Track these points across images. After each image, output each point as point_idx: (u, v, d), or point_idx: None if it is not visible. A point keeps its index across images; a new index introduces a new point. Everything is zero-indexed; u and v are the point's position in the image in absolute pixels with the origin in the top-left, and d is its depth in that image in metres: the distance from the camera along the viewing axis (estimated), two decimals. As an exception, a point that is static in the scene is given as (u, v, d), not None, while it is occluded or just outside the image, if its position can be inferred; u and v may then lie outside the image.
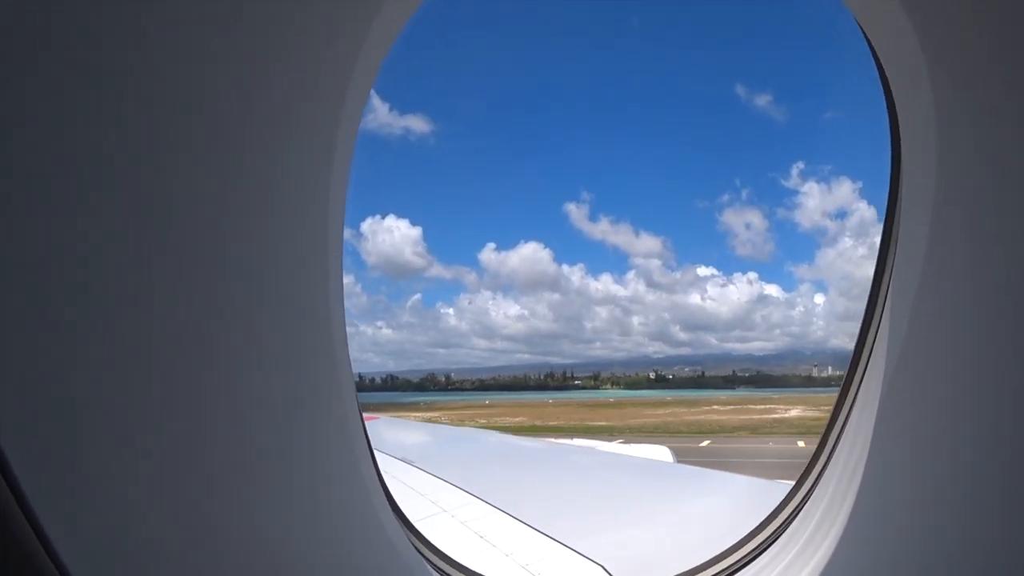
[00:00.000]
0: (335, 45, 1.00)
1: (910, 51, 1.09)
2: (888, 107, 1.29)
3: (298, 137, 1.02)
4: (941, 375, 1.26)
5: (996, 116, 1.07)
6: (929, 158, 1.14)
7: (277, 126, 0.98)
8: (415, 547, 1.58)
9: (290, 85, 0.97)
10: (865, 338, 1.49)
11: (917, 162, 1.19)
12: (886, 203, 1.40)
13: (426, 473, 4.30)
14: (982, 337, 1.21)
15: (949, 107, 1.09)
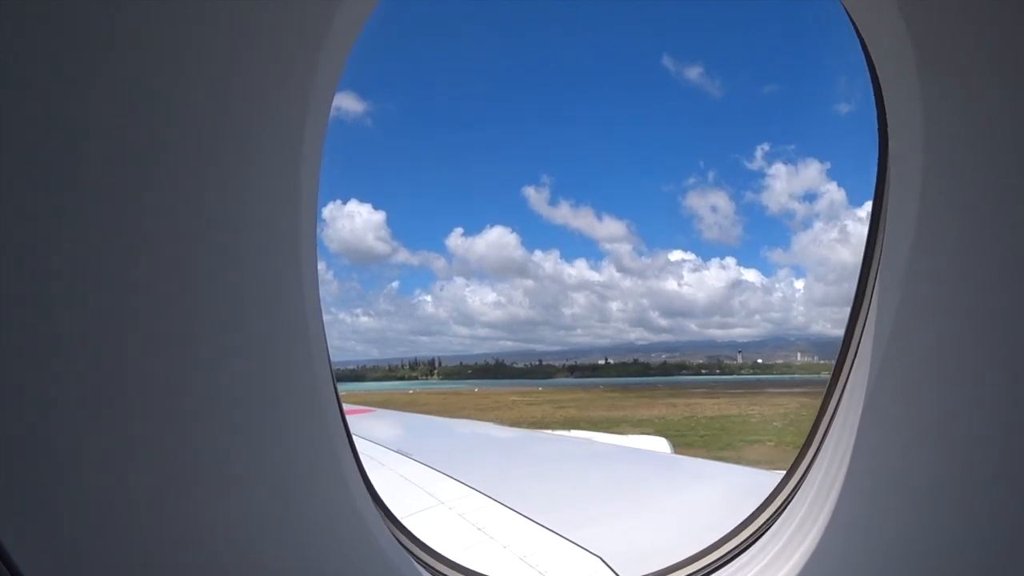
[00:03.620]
0: (303, 28, 0.99)
1: (897, 39, 1.08)
2: (876, 97, 1.28)
3: (267, 126, 1.01)
4: (930, 365, 1.26)
5: (984, 104, 1.06)
6: (916, 146, 1.13)
7: (245, 117, 0.98)
8: (399, 542, 1.57)
9: (257, 74, 0.96)
10: (854, 327, 1.48)
11: (904, 150, 1.19)
12: (873, 192, 1.40)
13: (423, 465, 4.30)
14: (971, 328, 1.20)
15: (936, 95, 1.08)
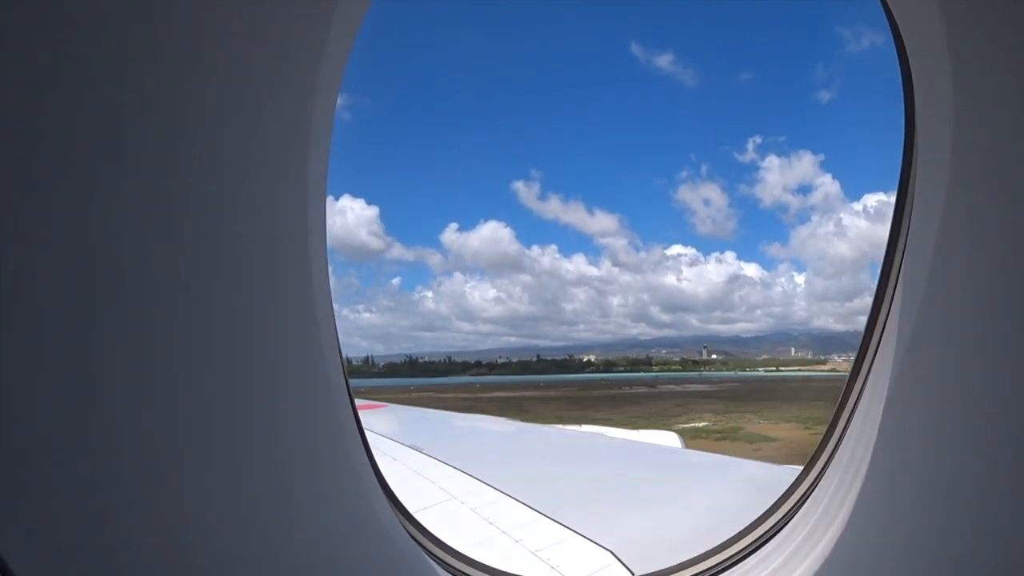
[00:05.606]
0: (308, 18, 0.98)
1: (935, 35, 1.06)
2: (904, 89, 1.26)
3: (272, 118, 1.01)
4: (952, 364, 1.24)
5: (1013, 106, 1.04)
6: (944, 141, 1.11)
7: (251, 106, 0.97)
8: (413, 537, 1.58)
9: (261, 66, 0.96)
10: (874, 324, 1.46)
11: (931, 143, 1.17)
12: (898, 181, 1.37)
13: (436, 460, 4.33)
14: (995, 320, 1.18)
15: (967, 90, 1.06)
